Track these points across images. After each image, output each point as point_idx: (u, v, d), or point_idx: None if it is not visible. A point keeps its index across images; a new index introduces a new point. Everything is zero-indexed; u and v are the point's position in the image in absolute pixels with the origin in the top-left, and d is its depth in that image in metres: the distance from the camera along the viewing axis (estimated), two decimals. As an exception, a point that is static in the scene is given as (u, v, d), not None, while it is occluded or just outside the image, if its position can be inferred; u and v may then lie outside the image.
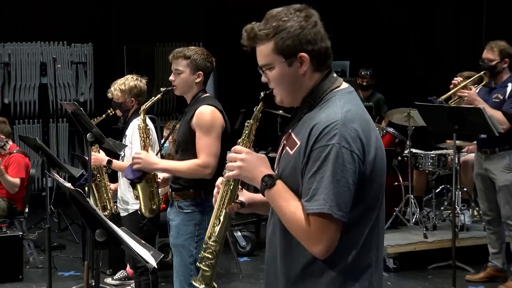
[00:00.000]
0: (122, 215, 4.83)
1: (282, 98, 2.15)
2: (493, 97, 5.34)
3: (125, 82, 4.79)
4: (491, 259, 5.66)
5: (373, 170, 2.02)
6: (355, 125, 1.99)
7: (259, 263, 6.37)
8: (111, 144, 4.68)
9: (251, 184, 2.15)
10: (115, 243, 2.51)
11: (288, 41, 2.05)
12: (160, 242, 6.09)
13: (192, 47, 3.91)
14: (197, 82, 3.81)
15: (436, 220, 6.64)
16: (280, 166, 2.15)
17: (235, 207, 2.22)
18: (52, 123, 9.23)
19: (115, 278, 5.91)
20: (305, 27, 2.06)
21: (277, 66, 2.09)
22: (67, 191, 2.55)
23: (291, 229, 2.03)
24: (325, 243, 1.97)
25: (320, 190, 1.95)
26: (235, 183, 2.20)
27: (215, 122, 3.72)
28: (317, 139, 1.98)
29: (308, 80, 2.10)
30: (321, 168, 1.96)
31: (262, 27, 2.08)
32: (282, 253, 2.12)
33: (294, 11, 2.07)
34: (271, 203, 2.08)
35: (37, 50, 9.21)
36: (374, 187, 2.04)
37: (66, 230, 7.55)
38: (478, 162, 5.55)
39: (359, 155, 1.98)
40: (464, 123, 5.07)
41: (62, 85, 9.31)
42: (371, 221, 2.06)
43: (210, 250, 2.23)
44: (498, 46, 5.34)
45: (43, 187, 8.53)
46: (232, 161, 2.14)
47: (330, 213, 1.94)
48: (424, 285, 5.81)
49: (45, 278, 5.09)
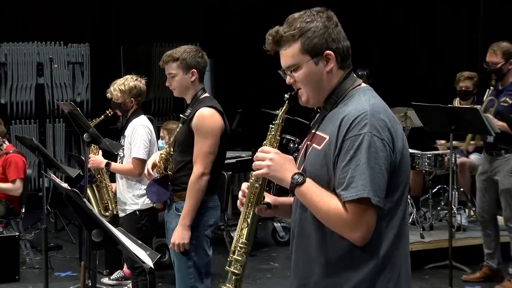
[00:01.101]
0: (120, 215, 4.83)
1: (308, 98, 2.21)
2: (501, 101, 5.31)
3: (124, 83, 4.79)
4: (486, 259, 5.67)
5: (402, 159, 2.08)
6: (383, 116, 2.06)
7: (257, 263, 6.37)
8: (107, 145, 4.69)
9: (279, 183, 2.18)
10: (111, 244, 2.50)
11: (314, 40, 2.13)
12: (157, 242, 6.10)
13: (180, 47, 3.87)
14: (193, 81, 3.79)
15: (432, 220, 6.64)
16: (306, 164, 2.18)
17: (263, 208, 2.27)
18: (49, 123, 9.23)
19: (112, 278, 5.90)
20: (329, 27, 2.15)
21: (304, 66, 2.15)
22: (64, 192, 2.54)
23: (327, 221, 2.07)
24: (364, 229, 2.01)
25: (357, 178, 1.99)
26: (262, 184, 2.23)
27: (215, 125, 3.69)
28: (348, 129, 2.04)
29: (334, 78, 2.18)
30: (355, 157, 2.01)
31: (287, 29, 2.15)
32: (317, 247, 2.14)
33: (316, 13, 2.17)
34: (303, 199, 2.12)
35: (33, 50, 9.21)
36: (402, 176, 2.10)
37: (63, 231, 7.54)
38: (485, 162, 5.53)
39: (389, 143, 2.04)
40: (460, 123, 5.08)
41: (58, 85, 9.31)
42: (401, 212, 2.12)
43: (240, 252, 2.24)
44: (500, 48, 5.31)
45: (40, 187, 8.51)
46: (259, 160, 2.17)
47: (369, 197, 1.98)
48: (421, 285, 5.81)
49: (42, 279, 5.08)
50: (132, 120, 4.81)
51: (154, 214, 4.90)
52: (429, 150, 6.84)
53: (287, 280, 2.33)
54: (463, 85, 6.69)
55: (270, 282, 5.81)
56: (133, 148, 4.69)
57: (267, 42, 2.19)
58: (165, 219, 3.92)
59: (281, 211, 2.35)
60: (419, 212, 6.79)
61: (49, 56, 8.84)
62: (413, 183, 7.00)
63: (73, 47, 9.42)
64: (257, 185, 2.23)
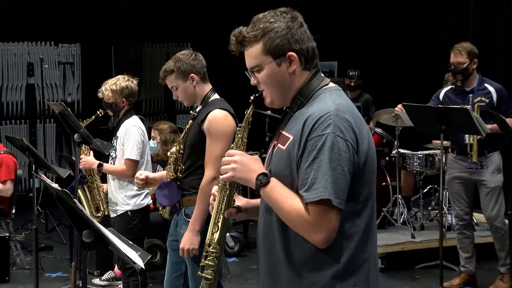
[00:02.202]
0: (112, 216, 4.82)
1: (272, 99, 2.18)
2: (477, 101, 5.33)
3: (116, 82, 4.77)
4: (464, 264, 5.64)
5: (366, 161, 2.05)
6: (348, 116, 2.04)
7: (247, 263, 6.37)
8: (98, 145, 4.68)
9: (246, 185, 2.16)
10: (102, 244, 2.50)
11: (276, 41, 2.10)
12: (148, 243, 6.09)
13: (172, 57, 3.79)
14: (195, 85, 3.72)
15: (423, 220, 6.67)
16: (272, 164, 2.17)
17: (233, 212, 2.25)
18: (39, 124, 9.19)
19: (103, 279, 5.89)
20: (292, 27, 2.11)
21: (266, 67, 2.13)
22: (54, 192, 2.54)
23: (290, 222, 2.05)
24: (326, 231, 1.99)
25: (319, 179, 1.97)
26: (231, 188, 2.21)
27: (228, 128, 3.61)
28: (311, 129, 2.02)
29: (297, 79, 2.15)
30: (318, 158, 1.99)
31: (250, 30, 2.13)
32: (282, 249, 2.12)
33: (280, 13, 2.14)
34: (268, 200, 2.10)
35: (24, 50, 9.17)
36: (367, 179, 2.07)
37: (54, 231, 7.52)
38: (458, 165, 5.50)
39: (353, 144, 2.01)
40: (451, 123, 5.10)
41: (49, 85, 9.28)
42: (366, 215, 2.09)
43: (211, 257, 2.24)
44: (465, 48, 5.35)
45: (30, 188, 8.48)
46: (226, 165, 2.15)
47: (330, 199, 1.96)
48: (412, 284, 5.83)
49: (32, 279, 5.06)
50: (124, 121, 4.80)
51: (146, 215, 4.89)
52: (420, 150, 6.87)
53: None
54: None
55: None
56: (126, 149, 4.68)
57: (231, 43, 2.17)
58: (173, 221, 3.84)
59: (255, 213, 2.30)
60: (410, 212, 6.81)
61: (39, 56, 8.81)
62: (404, 183, 7.03)
63: (64, 47, 9.39)
64: (225, 190, 2.21)
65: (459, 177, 5.51)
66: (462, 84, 5.40)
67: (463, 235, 5.60)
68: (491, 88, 5.36)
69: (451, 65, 5.41)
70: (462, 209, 5.56)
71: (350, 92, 8.20)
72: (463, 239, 5.62)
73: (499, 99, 5.33)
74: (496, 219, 5.38)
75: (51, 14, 9.00)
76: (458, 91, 5.44)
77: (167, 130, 6.11)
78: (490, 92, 5.35)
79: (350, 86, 8.19)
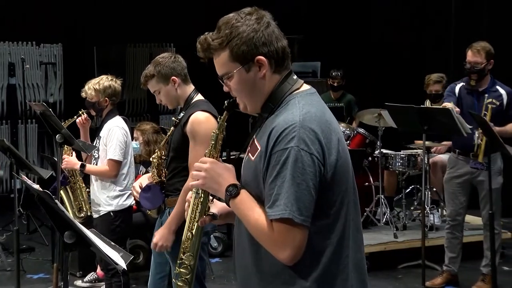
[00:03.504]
0: (94, 216, 4.80)
1: (245, 106, 2.12)
2: (488, 102, 5.30)
3: (99, 82, 4.78)
4: (448, 263, 5.66)
5: (335, 173, 1.97)
6: (314, 126, 1.95)
7: (230, 264, 6.30)
8: (80, 145, 4.66)
9: (216, 194, 2.12)
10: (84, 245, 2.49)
11: (242, 47, 2.02)
12: (131, 244, 6.06)
13: (151, 62, 3.77)
14: (177, 88, 3.71)
15: (406, 220, 6.70)
16: (242, 173, 2.11)
17: (207, 219, 2.18)
18: (21, 124, 9.13)
19: (85, 281, 5.86)
20: (258, 30, 2.02)
21: (235, 74, 2.05)
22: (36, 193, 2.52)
23: (257, 237, 2.00)
24: (291, 249, 1.92)
25: (281, 195, 1.90)
26: (205, 195, 2.16)
27: (210, 130, 3.56)
28: (275, 143, 1.94)
29: (268, 83, 2.07)
30: (281, 173, 1.91)
31: (215, 37, 2.04)
32: (252, 261, 2.08)
33: (245, 15, 2.04)
34: (236, 212, 2.05)
35: (5, 50, 9.10)
36: (337, 190, 1.99)
37: (35, 232, 7.46)
38: (460, 165, 5.50)
39: (319, 157, 1.93)
40: (433, 124, 5.11)
41: (31, 85, 9.21)
42: (340, 226, 2.01)
43: (185, 265, 2.21)
44: (483, 48, 5.29)
45: (12, 189, 8.42)
46: (197, 171, 2.10)
47: (291, 217, 1.89)
48: (395, 284, 5.86)
49: (14, 281, 5.02)
50: (107, 121, 4.79)
51: (129, 215, 4.89)
52: (402, 151, 6.90)
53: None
54: (433, 88, 6.75)
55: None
56: (109, 150, 4.67)
57: (198, 50, 2.09)
58: (157, 224, 3.83)
59: (232, 218, 2.23)
60: (392, 212, 6.84)
61: (21, 56, 8.73)
62: (387, 183, 7.05)
63: (46, 47, 9.33)
64: (198, 197, 2.16)
65: (458, 177, 5.52)
66: (476, 84, 5.37)
67: (452, 235, 5.62)
68: (502, 91, 5.33)
69: (468, 63, 5.33)
70: (455, 209, 5.57)
71: (333, 93, 8.21)
72: (451, 239, 5.64)
73: (509, 102, 5.30)
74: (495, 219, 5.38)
75: (32, 13, 8.95)
76: (470, 90, 5.41)
77: (150, 130, 6.09)
78: (502, 95, 5.32)
79: (333, 86, 8.18)
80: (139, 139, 6.07)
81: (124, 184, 4.79)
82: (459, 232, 5.61)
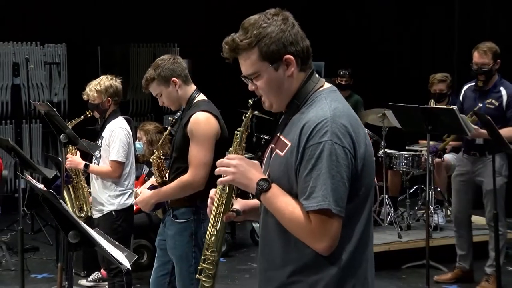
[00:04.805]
0: (96, 216, 4.81)
1: (271, 104, 2.18)
2: (487, 102, 5.34)
3: (100, 83, 4.78)
4: (459, 260, 5.71)
5: (364, 165, 2.06)
6: (344, 121, 2.03)
7: (234, 264, 6.36)
8: (85, 145, 4.66)
9: (245, 189, 2.16)
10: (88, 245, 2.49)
11: (272, 46, 2.09)
12: (135, 244, 6.07)
13: (152, 65, 3.78)
14: (178, 89, 3.72)
15: (410, 220, 6.69)
16: (270, 169, 2.16)
17: (231, 215, 2.25)
18: (25, 124, 9.14)
19: (89, 280, 5.87)
20: (285, 30, 2.10)
21: (264, 73, 2.12)
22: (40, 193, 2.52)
23: (291, 229, 2.05)
24: (328, 239, 2.00)
25: (318, 188, 1.97)
26: (229, 191, 2.21)
27: (209, 131, 3.61)
28: (309, 137, 2.01)
29: (295, 81, 2.14)
30: (316, 166, 1.99)
31: (243, 37, 2.10)
32: (281, 254, 2.12)
33: (271, 16, 2.12)
34: (268, 205, 2.09)
35: (9, 50, 9.11)
36: (365, 182, 2.07)
37: (40, 232, 7.47)
38: (464, 163, 5.56)
39: (351, 150, 2.01)
40: (437, 124, 5.11)
41: (35, 85, 9.22)
42: (364, 217, 2.10)
43: (210, 261, 2.25)
44: (490, 49, 5.31)
45: (16, 188, 8.43)
46: (224, 168, 2.14)
47: (329, 208, 1.96)
48: (399, 284, 5.85)
49: (18, 281, 5.02)
50: (110, 122, 4.80)
51: (130, 215, 4.90)
52: (406, 151, 6.89)
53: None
54: (437, 88, 6.74)
55: (249, 282, 5.81)
56: (112, 151, 4.69)
57: (224, 51, 2.14)
58: (162, 222, 3.86)
59: (253, 214, 2.31)
60: (396, 212, 6.84)
61: (25, 56, 8.76)
62: (391, 183, 7.05)
63: (50, 47, 9.34)
64: (223, 193, 2.21)
65: (462, 175, 5.59)
66: (483, 84, 5.38)
67: (457, 233, 5.71)
68: (504, 92, 5.33)
69: (475, 64, 5.35)
70: (458, 206, 5.66)
71: (340, 92, 8.15)
72: (458, 237, 5.71)
73: (507, 104, 5.30)
74: (491, 220, 5.38)
75: (36, 14, 8.96)
76: (474, 90, 5.44)
77: (153, 130, 6.10)
78: (502, 96, 5.33)
79: (340, 85, 8.08)
80: (143, 139, 6.08)
81: (125, 185, 4.80)
82: (464, 230, 5.63)
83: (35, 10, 8.94)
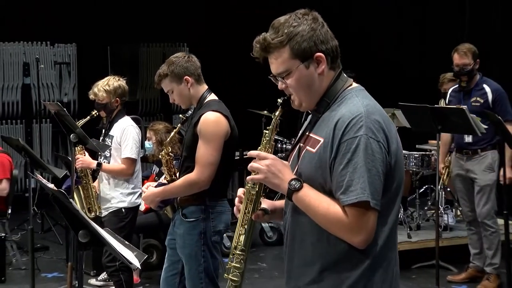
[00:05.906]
0: (104, 214, 4.84)
1: (300, 102, 2.20)
2: (472, 101, 5.42)
3: (108, 83, 4.80)
4: (472, 259, 5.72)
5: (396, 160, 2.09)
6: (377, 117, 2.07)
7: (243, 263, 6.36)
8: (94, 145, 4.68)
9: (275, 189, 2.17)
10: (98, 244, 2.50)
11: (303, 44, 2.11)
12: (145, 243, 6.09)
13: (166, 61, 3.80)
14: (190, 87, 3.73)
15: (419, 220, 6.67)
16: (300, 167, 2.17)
17: (260, 214, 2.26)
18: (35, 124, 9.18)
19: (99, 279, 5.88)
20: (316, 28, 2.14)
21: (295, 71, 2.14)
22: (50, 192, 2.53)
23: (326, 225, 2.06)
24: (365, 232, 2.02)
25: (355, 181, 2.00)
26: (258, 190, 2.22)
27: (218, 130, 3.62)
28: (344, 132, 2.04)
29: (325, 79, 2.17)
30: (353, 160, 2.01)
31: (274, 36, 2.13)
32: (312, 249, 2.14)
33: (302, 15, 2.15)
34: (301, 204, 2.11)
35: (19, 50, 9.15)
36: (397, 178, 2.10)
37: (50, 231, 7.50)
38: (458, 163, 5.63)
39: (385, 145, 2.05)
40: (447, 123, 5.11)
41: (45, 85, 9.26)
42: (394, 213, 2.13)
43: (239, 259, 2.26)
44: (470, 49, 5.44)
45: (26, 188, 8.46)
46: (256, 166, 2.15)
47: (368, 200, 1.98)
48: (408, 284, 5.83)
49: (28, 280, 5.05)
50: (117, 121, 4.82)
51: (136, 214, 4.95)
52: (415, 150, 6.87)
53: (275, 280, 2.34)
54: (447, 87, 6.72)
55: (258, 282, 5.80)
56: (125, 148, 4.71)
57: (255, 50, 2.17)
58: (171, 221, 3.88)
59: (278, 215, 2.33)
60: (406, 212, 6.81)
61: (35, 56, 8.79)
62: (401, 183, 7.03)
63: (60, 47, 9.37)
64: (253, 192, 2.22)
65: (458, 175, 5.63)
66: (467, 84, 5.48)
67: (470, 231, 5.72)
68: (487, 89, 5.42)
69: (456, 66, 5.46)
70: (466, 205, 5.68)
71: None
72: (470, 235, 5.73)
73: (494, 100, 5.38)
74: (485, 217, 5.46)
75: (47, 13, 8.99)
76: (458, 91, 5.56)
77: (163, 130, 6.10)
78: (486, 92, 5.41)
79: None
80: (152, 139, 6.09)
81: (135, 182, 4.83)
82: (476, 228, 5.65)
83: (45, 10, 8.97)
